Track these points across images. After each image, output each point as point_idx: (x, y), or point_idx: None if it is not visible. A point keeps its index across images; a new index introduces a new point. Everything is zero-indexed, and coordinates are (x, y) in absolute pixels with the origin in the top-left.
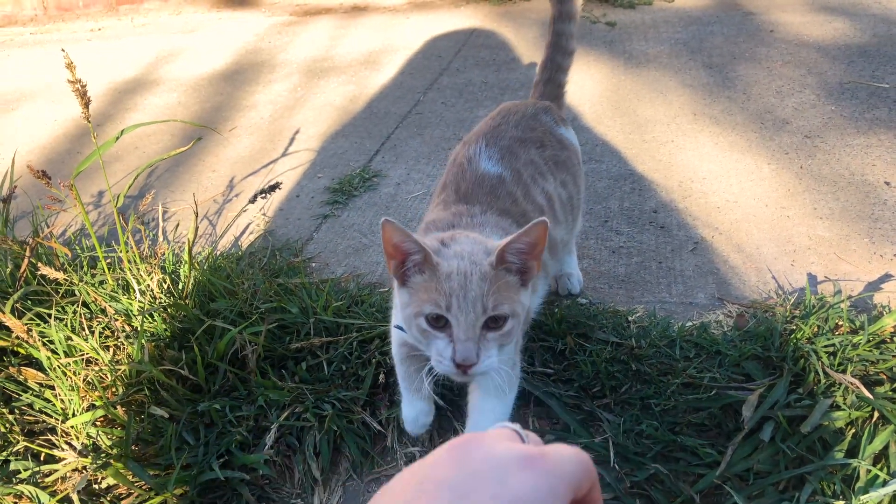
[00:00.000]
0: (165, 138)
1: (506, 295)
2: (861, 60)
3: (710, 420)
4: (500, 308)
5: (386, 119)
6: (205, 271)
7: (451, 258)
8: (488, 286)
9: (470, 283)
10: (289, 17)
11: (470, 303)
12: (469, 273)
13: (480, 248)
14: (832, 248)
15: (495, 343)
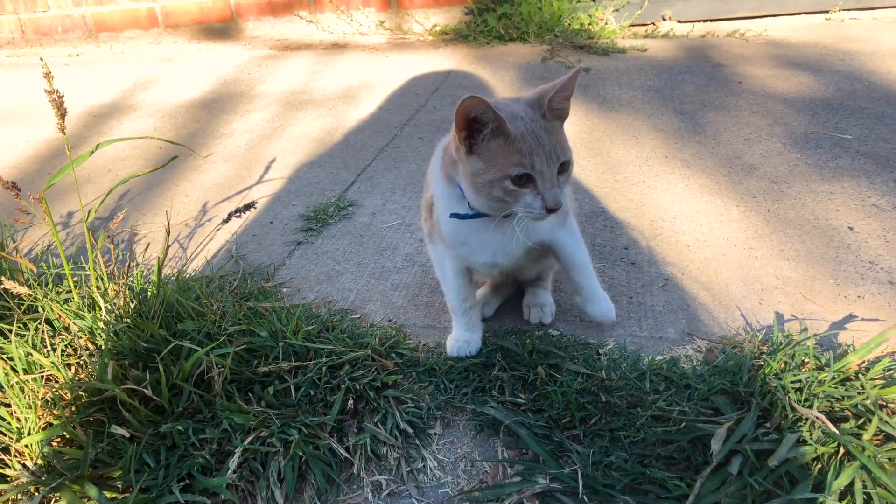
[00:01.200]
0: (139, 163)
1: (564, 140)
2: (825, 113)
3: (678, 453)
4: (566, 153)
5: (363, 151)
6: (173, 292)
7: (513, 120)
8: (553, 138)
9: (541, 140)
10: (269, 50)
11: (547, 156)
12: (536, 130)
13: (523, 105)
14: (798, 288)
15: (565, 183)
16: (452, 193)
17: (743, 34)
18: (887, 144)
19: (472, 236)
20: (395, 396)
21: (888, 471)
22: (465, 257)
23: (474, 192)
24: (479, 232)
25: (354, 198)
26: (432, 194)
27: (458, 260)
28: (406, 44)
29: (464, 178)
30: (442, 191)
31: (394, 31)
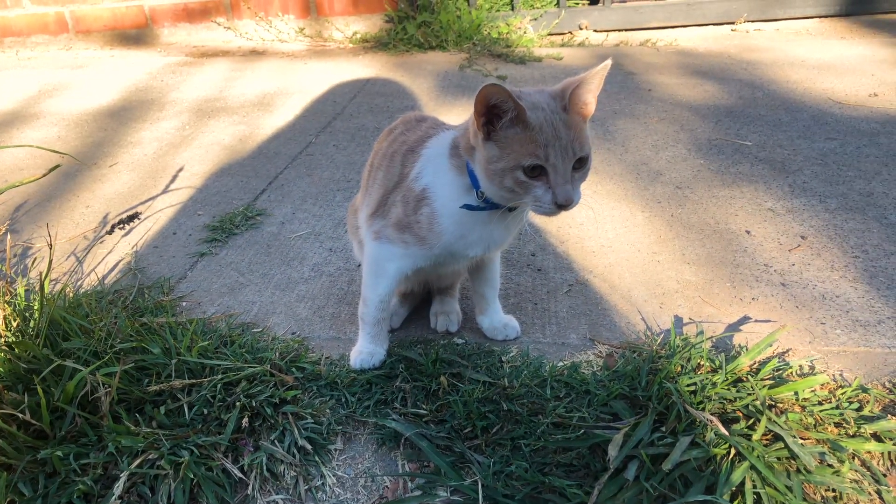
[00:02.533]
0: (38, 173)
1: (584, 136)
2: (728, 120)
3: (578, 460)
4: (584, 149)
5: (275, 159)
6: (60, 308)
7: (535, 109)
8: (572, 132)
9: (559, 133)
10: (185, 57)
11: (562, 150)
12: (555, 122)
13: (546, 96)
14: (698, 291)
15: (580, 181)
16: (461, 183)
17: (654, 43)
18: (784, 150)
19: (475, 228)
20: (294, 412)
21: (776, 470)
22: (457, 252)
23: (487, 180)
24: (482, 224)
25: (263, 207)
26: (426, 186)
27: (431, 257)
28: (326, 51)
29: (478, 163)
30: (447, 180)
31: (314, 38)
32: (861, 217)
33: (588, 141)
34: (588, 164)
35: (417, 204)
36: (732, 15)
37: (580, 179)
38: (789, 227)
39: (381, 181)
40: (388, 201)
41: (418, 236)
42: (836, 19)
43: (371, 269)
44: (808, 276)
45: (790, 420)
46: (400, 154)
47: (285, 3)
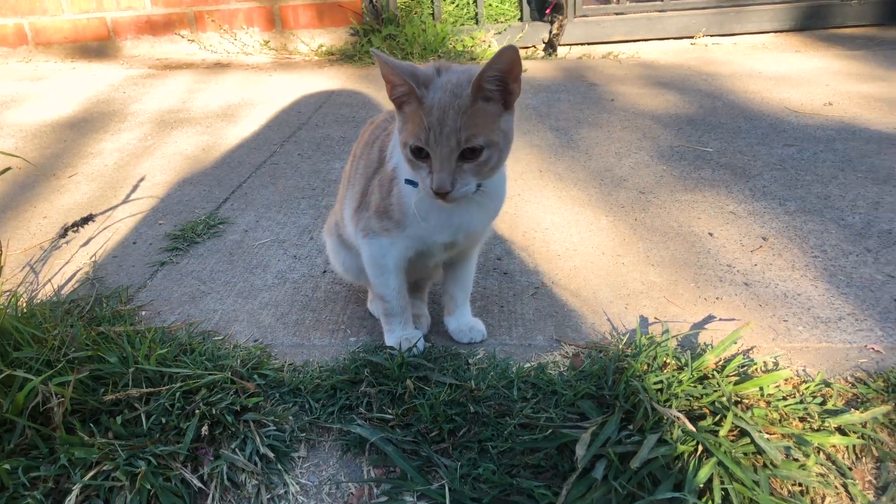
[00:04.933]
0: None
1: (483, 126)
2: (689, 128)
3: (546, 461)
4: (474, 140)
5: (239, 168)
6: (10, 318)
7: (437, 90)
8: (464, 119)
9: (446, 118)
10: (147, 70)
11: (445, 137)
12: (447, 106)
13: (466, 77)
14: (662, 292)
15: (471, 173)
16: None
17: (616, 56)
18: (744, 156)
19: (433, 209)
20: (256, 420)
21: (743, 465)
22: (425, 238)
23: (400, 147)
24: (438, 206)
25: (226, 215)
26: (395, 165)
27: (412, 243)
28: (291, 63)
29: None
30: (400, 158)
31: (279, 50)
32: (819, 219)
33: (492, 132)
34: (484, 157)
35: (390, 184)
36: (692, 29)
37: (472, 172)
38: (751, 229)
39: (362, 170)
40: (369, 190)
41: (394, 220)
42: (791, 34)
43: (373, 269)
44: (770, 276)
45: (756, 415)
46: (379, 140)
47: (250, 16)
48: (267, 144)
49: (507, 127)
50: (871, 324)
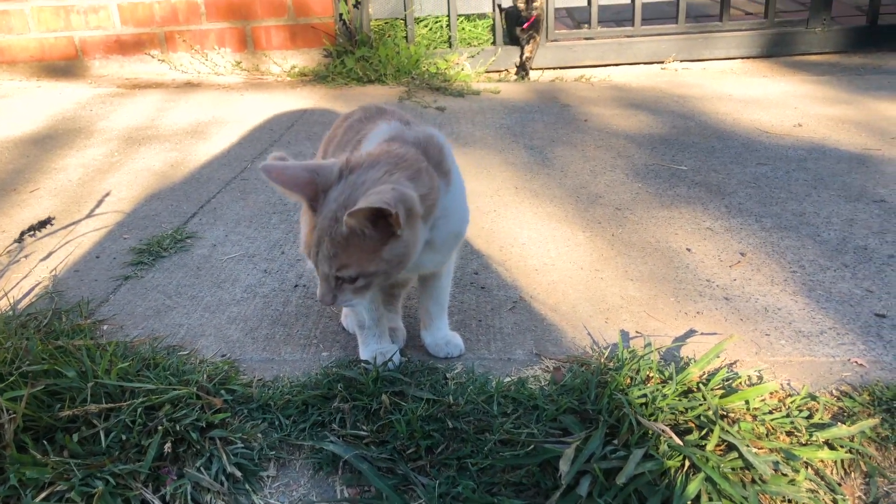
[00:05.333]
0: None
1: (357, 257)
2: (662, 147)
3: (528, 478)
4: (345, 272)
5: (208, 184)
6: None
7: (331, 202)
8: (336, 248)
9: (323, 242)
10: (116, 88)
11: (321, 259)
12: (324, 231)
13: (353, 198)
14: (642, 306)
15: (353, 292)
16: None
17: (589, 79)
18: (718, 174)
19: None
20: (223, 437)
21: (731, 481)
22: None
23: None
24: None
25: (194, 230)
26: None
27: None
28: (263, 84)
29: None
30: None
31: (251, 71)
32: (796, 235)
33: (370, 263)
34: (362, 283)
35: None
36: (661, 55)
37: (354, 292)
38: (728, 245)
39: None
40: None
41: None
42: (758, 60)
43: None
44: (750, 291)
45: (743, 429)
46: (350, 145)
47: (221, 37)
48: (238, 161)
49: (395, 253)
50: (852, 338)
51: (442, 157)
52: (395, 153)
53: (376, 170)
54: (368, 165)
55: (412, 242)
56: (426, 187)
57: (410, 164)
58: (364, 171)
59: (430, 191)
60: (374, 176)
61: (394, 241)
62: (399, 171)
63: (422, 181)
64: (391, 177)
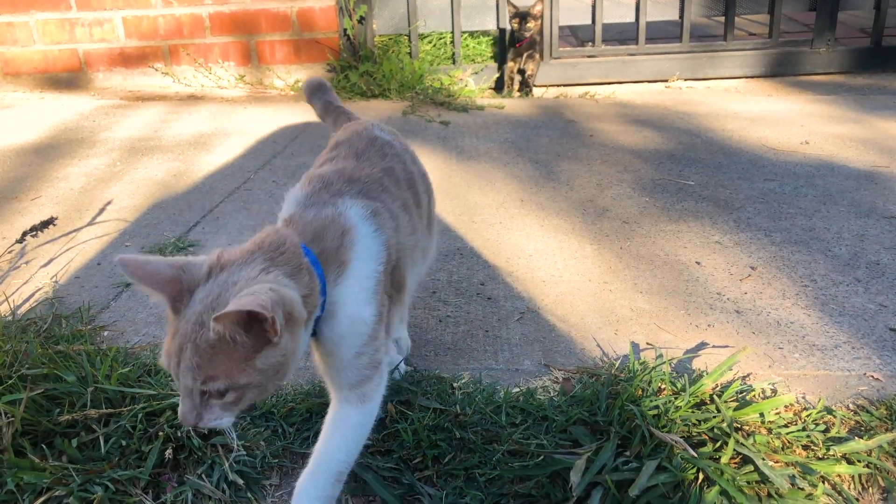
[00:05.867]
0: None
1: (226, 367)
2: (669, 162)
3: (537, 490)
4: (212, 384)
5: (211, 194)
6: None
7: (196, 304)
8: (201, 358)
9: (185, 352)
10: (119, 100)
11: (182, 371)
12: (189, 336)
13: (230, 293)
14: (652, 318)
15: (223, 409)
16: None
17: (593, 96)
18: (725, 190)
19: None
20: (224, 444)
21: (747, 494)
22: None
23: None
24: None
25: (197, 238)
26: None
27: None
28: (267, 97)
29: None
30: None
31: (254, 85)
32: (806, 250)
33: (241, 374)
34: (231, 398)
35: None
36: (665, 73)
37: (224, 408)
38: (738, 259)
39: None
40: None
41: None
42: (762, 79)
43: None
44: (762, 304)
45: (758, 442)
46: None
47: (226, 51)
48: (241, 172)
49: (271, 363)
50: (867, 352)
51: (342, 243)
52: (273, 246)
53: (251, 267)
54: (242, 262)
55: (291, 350)
56: (307, 287)
57: (289, 259)
58: (237, 269)
59: (312, 292)
60: (249, 274)
61: (270, 349)
62: (277, 267)
63: (302, 280)
64: (268, 275)
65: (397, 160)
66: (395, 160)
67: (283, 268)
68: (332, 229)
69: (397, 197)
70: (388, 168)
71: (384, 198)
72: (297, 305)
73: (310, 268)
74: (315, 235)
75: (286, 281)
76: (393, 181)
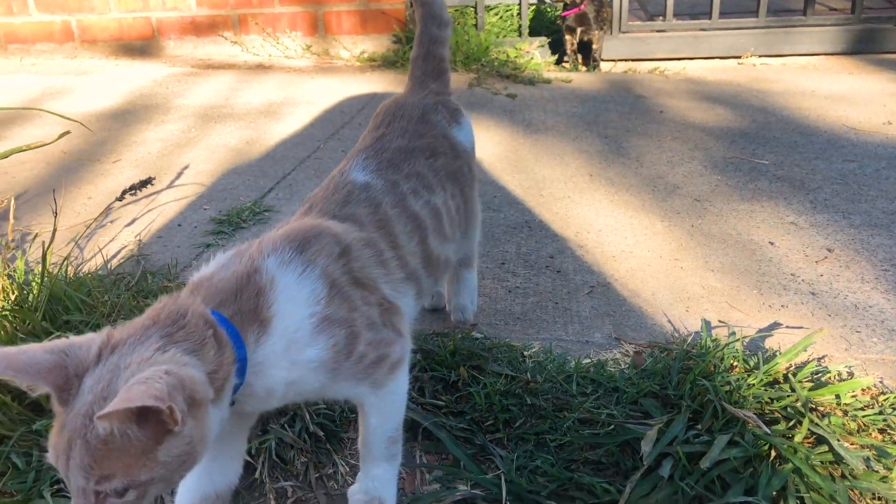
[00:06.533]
0: (40, 166)
1: (123, 464)
2: (742, 140)
3: (607, 457)
4: (108, 484)
5: (283, 161)
6: (61, 283)
7: (85, 393)
8: (93, 456)
9: (74, 449)
10: (190, 68)
11: (74, 470)
12: (77, 433)
13: (120, 381)
14: (724, 297)
15: None
16: None
17: (662, 71)
18: (801, 170)
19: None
20: None
21: (821, 473)
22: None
23: None
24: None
25: (272, 204)
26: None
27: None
28: (333, 68)
29: None
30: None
31: (321, 55)
32: (887, 233)
33: (141, 470)
34: (132, 497)
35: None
36: (738, 49)
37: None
38: (814, 240)
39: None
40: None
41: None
42: (841, 56)
43: None
44: (838, 287)
45: (833, 423)
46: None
47: (293, 21)
48: (310, 140)
49: (175, 454)
50: None
51: (260, 302)
52: (171, 319)
53: (145, 346)
54: (136, 340)
55: (199, 435)
56: (214, 362)
57: (191, 332)
58: (130, 349)
59: (220, 366)
60: (142, 355)
61: (172, 439)
62: (175, 344)
63: (206, 354)
64: (164, 354)
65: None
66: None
67: (182, 343)
68: (250, 287)
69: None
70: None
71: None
72: (201, 385)
73: (220, 337)
74: (225, 298)
75: (186, 358)
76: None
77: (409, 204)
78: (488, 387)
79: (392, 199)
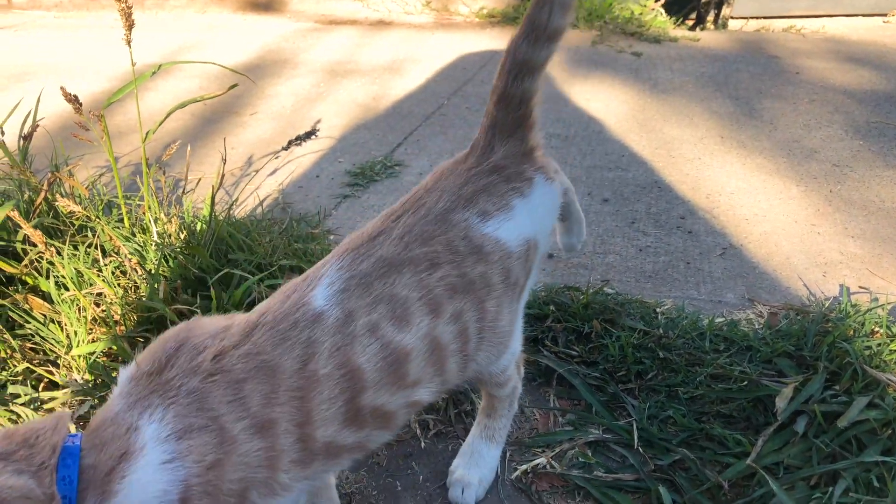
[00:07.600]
0: (185, 117)
1: None
2: (888, 104)
3: (738, 412)
4: None
5: (409, 117)
6: (224, 224)
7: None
8: None
9: None
10: (313, 24)
11: None
12: None
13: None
14: (864, 264)
15: None
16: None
17: (799, 30)
18: None
19: None
20: None
21: None
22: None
23: None
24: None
25: (401, 159)
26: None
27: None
28: (452, 24)
29: None
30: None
31: (440, 11)
32: None
33: None
34: None
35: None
36: (884, 7)
37: None
38: None
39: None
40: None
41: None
42: None
43: None
44: None
45: None
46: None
47: None
48: (434, 97)
49: None
50: None
51: (114, 470)
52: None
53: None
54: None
55: None
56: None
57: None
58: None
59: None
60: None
61: None
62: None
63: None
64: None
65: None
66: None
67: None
68: (114, 444)
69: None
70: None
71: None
72: None
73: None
74: (91, 445)
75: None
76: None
77: (352, 354)
78: (622, 339)
79: (332, 345)
